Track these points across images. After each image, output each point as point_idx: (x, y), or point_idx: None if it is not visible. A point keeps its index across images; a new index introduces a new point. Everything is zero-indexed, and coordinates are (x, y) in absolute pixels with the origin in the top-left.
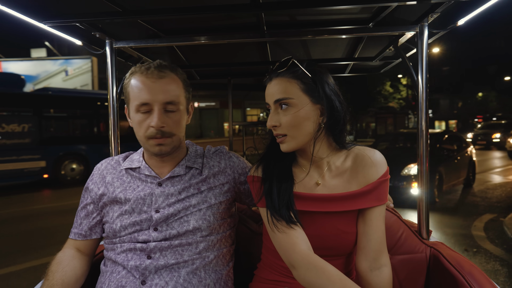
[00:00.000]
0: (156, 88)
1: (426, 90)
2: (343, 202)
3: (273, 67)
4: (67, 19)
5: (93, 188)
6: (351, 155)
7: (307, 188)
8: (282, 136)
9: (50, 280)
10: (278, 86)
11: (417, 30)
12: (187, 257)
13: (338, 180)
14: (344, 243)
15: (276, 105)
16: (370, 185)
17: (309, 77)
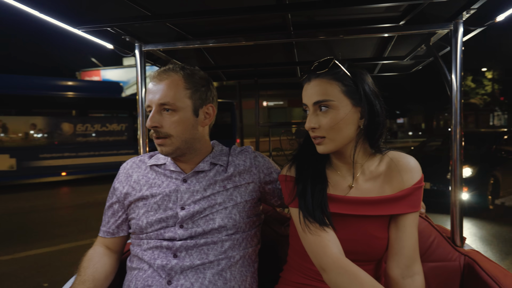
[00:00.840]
0: (154, 90)
1: (460, 91)
2: (376, 206)
3: (312, 67)
4: (99, 24)
5: (119, 187)
6: (385, 159)
7: (340, 190)
8: (320, 138)
9: (82, 275)
10: (318, 87)
11: (451, 27)
12: (212, 257)
13: (371, 184)
14: (375, 248)
15: (316, 107)
16: (404, 191)
17: (350, 79)
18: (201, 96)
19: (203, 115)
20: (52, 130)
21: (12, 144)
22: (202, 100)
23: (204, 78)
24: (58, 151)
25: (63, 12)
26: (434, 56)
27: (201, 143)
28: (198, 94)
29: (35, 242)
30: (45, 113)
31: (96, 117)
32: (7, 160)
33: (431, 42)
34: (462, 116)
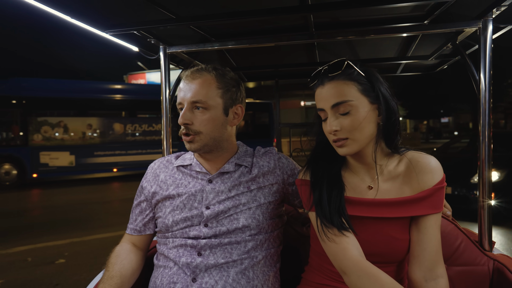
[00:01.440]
0: (187, 88)
1: (489, 92)
2: (395, 207)
3: (323, 70)
4: (126, 28)
5: (147, 186)
6: (404, 160)
7: (358, 192)
8: (343, 140)
9: (110, 271)
10: (335, 89)
11: (479, 25)
12: (236, 257)
13: (390, 185)
14: (395, 250)
15: (335, 109)
16: (425, 192)
17: (364, 78)
18: (232, 96)
19: (232, 115)
20: (105, 130)
21: (71, 142)
22: (232, 100)
23: (234, 79)
24: (110, 149)
25: (92, 16)
26: (461, 55)
27: (228, 142)
28: (229, 94)
29: (97, 228)
30: (99, 114)
31: (143, 117)
32: (67, 157)
33: (458, 40)
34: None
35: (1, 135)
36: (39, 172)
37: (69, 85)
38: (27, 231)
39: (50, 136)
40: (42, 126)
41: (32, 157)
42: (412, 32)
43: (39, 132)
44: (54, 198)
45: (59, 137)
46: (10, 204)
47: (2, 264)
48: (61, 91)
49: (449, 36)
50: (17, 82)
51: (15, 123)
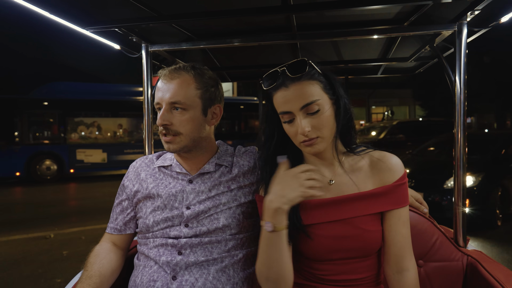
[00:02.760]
0: (165, 89)
1: (464, 92)
2: (358, 203)
3: (280, 71)
4: (107, 25)
5: (128, 185)
6: (366, 157)
7: (319, 190)
8: (314, 139)
9: (88, 271)
10: (302, 90)
11: (455, 28)
12: (216, 255)
13: (352, 178)
14: (368, 242)
15: (303, 110)
16: (386, 187)
17: (323, 76)
18: (211, 96)
19: (211, 115)
20: (134, 130)
21: (104, 141)
22: (211, 100)
23: (213, 78)
24: (138, 147)
25: (72, 13)
26: (438, 57)
27: (207, 141)
28: (207, 94)
29: None
30: (129, 115)
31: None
32: (100, 154)
33: (436, 43)
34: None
35: (43, 134)
36: (76, 167)
37: (102, 88)
38: (75, 217)
39: (85, 135)
40: (78, 126)
41: (70, 154)
42: (392, 33)
43: (75, 132)
44: (91, 191)
45: (93, 136)
46: (55, 195)
47: (63, 240)
48: (95, 94)
49: (427, 39)
50: (56, 86)
51: (55, 123)
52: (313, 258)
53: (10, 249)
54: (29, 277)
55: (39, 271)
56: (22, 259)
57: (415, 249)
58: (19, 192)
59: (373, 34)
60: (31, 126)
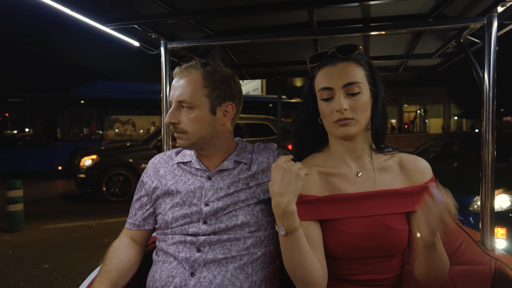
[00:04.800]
0: (175, 87)
1: (493, 89)
2: (387, 200)
3: (329, 52)
4: (126, 22)
5: (147, 181)
6: (394, 157)
7: (344, 184)
8: (349, 119)
9: (107, 265)
10: (347, 70)
11: (484, 21)
12: (235, 253)
13: (380, 175)
14: (394, 241)
15: (345, 89)
16: (417, 187)
17: (368, 66)
18: (220, 94)
19: (222, 113)
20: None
21: (137, 137)
22: (220, 98)
23: (225, 75)
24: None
25: (93, 10)
26: (466, 52)
27: (221, 140)
28: (216, 92)
29: None
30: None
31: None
32: None
33: (462, 37)
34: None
35: (82, 131)
36: None
37: (136, 87)
38: (113, 208)
39: (120, 132)
40: (114, 123)
41: None
42: (417, 28)
43: (112, 129)
44: None
45: (127, 133)
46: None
47: (103, 229)
48: (130, 93)
49: (452, 34)
50: (94, 86)
51: (93, 121)
52: (337, 257)
53: (58, 236)
54: (77, 260)
55: (85, 256)
56: (70, 244)
57: None
58: (62, 185)
59: (397, 29)
60: (72, 124)
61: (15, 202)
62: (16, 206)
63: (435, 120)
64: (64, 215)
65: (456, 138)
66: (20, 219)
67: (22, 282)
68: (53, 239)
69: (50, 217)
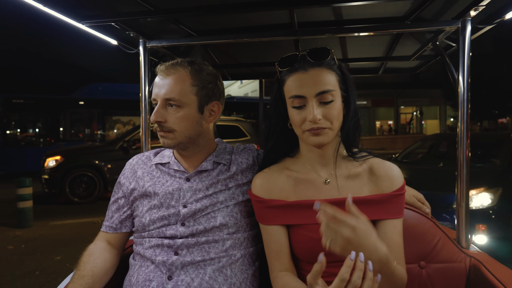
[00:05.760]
0: (161, 84)
1: (467, 91)
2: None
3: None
4: (103, 19)
5: (125, 182)
6: (365, 163)
7: (312, 191)
8: (322, 128)
9: (81, 270)
10: (320, 77)
11: (459, 25)
12: (213, 255)
13: (349, 183)
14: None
15: (318, 97)
16: (384, 195)
17: (340, 70)
18: (208, 93)
19: (208, 112)
20: None
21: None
22: (208, 97)
23: (212, 74)
24: None
25: (68, 6)
26: (441, 54)
27: (205, 139)
28: (204, 91)
29: None
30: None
31: None
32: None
33: (438, 40)
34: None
35: (84, 131)
36: None
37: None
38: None
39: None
40: (115, 124)
41: None
42: (395, 30)
43: (113, 129)
44: None
45: None
46: None
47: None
48: (130, 94)
49: (429, 37)
50: (96, 87)
51: (94, 121)
52: (304, 260)
53: (66, 231)
54: None
55: None
56: (78, 238)
57: (417, 250)
58: None
59: (376, 31)
60: (73, 124)
61: (24, 199)
62: (26, 203)
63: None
64: (70, 212)
65: (443, 139)
66: (30, 215)
67: (38, 272)
68: (62, 234)
69: (56, 213)
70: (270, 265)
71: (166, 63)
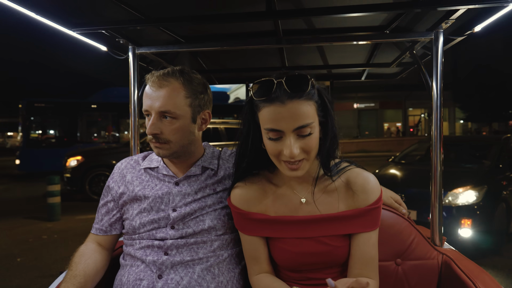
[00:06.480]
0: (154, 96)
1: (440, 97)
2: (329, 224)
3: (279, 84)
4: (93, 27)
5: (114, 186)
6: (342, 177)
7: (289, 207)
8: (299, 161)
9: (73, 270)
10: (299, 110)
11: (432, 36)
12: (202, 255)
13: (325, 199)
14: (337, 255)
15: (295, 132)
16: (358, 210)
17: (319, 96)
18: (200, 103)
19: (200, 121)
20: None
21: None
22: (200, 107)
23: (201, 83)
24: None
25: (58, 14)
26: (417, 63)
27: (195, 146)
28: (197, 101)
29: None
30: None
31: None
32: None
33: (415, 50)
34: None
35: (99, 133)
36: None
37: None
38: None
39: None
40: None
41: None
42: (374, 40)
43: (127, 131)
44: None
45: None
46: None
47: None
48: None
49: (407, 46)
50: (110, 92)
51: (109, 124)
52: (283, 267)
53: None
54: None
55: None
56: None
57: (393, 248)
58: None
59: (357, 40)
60: (90, 126)
61: (53, 195)
62: (55, 198)
63: None
64: (91, 208)
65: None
66: (58, 210)
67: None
68: (88, 226)
69: (80, 209)
70: (249, 268)
71: (156, 73)
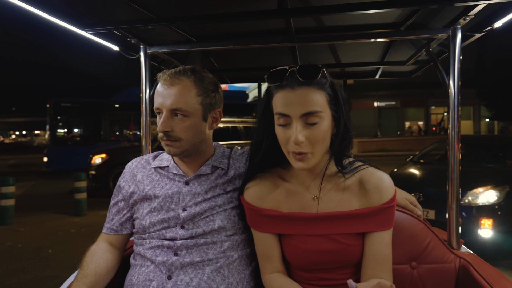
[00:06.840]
0: (166, 94)
1: (458, 96)
2: (341, 222)
3: (289, 70)
4: (105, 27)
5: (124, 186)
6: (356, 175)
7: (302, 204)
8: (304, 153)
9: (85, 269)
10: (307, 97)
11: (449, 33)
12: (211, 256)
13: (338, 196)
14: (349, 255)
15: (303, 118)
16: (372, 209)
17: (331, 88)
18: (211, 101)
19: (211, 119)
20: None
21: None
22: (211, 106)
23: (212, 82)
24: None
25: (70, 14)
26: (434, 60)
27: (206, 145)
28: (208, 99)
29: None
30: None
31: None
32: None
33: (431, 47)
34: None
35: (122, 132)
36: None
37: None
38: None
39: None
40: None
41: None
42: (389, 37)
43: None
44: None
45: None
46: None
47: None
48: None
49: (423, 43)
50: (131, 91)
51: (131, 123)
52: (295, 266)
53: None
54: None
55: None
56: None
57: (408, 251)
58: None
59: (371, 38)
60: (113, 125)
61: (80, 191)
62: (81, 194)
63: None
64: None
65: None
66: (85, 205)
67: None
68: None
69: (104, 205)
70: (262, 267)
71: (168, 71)
